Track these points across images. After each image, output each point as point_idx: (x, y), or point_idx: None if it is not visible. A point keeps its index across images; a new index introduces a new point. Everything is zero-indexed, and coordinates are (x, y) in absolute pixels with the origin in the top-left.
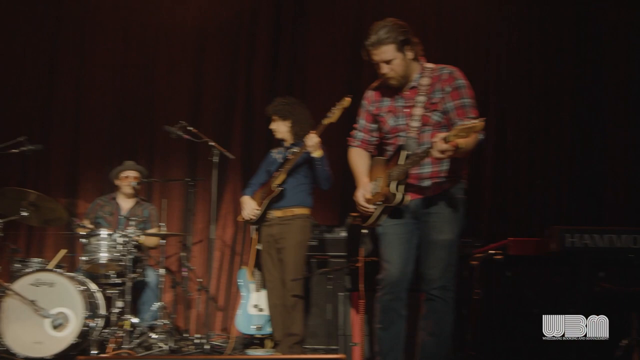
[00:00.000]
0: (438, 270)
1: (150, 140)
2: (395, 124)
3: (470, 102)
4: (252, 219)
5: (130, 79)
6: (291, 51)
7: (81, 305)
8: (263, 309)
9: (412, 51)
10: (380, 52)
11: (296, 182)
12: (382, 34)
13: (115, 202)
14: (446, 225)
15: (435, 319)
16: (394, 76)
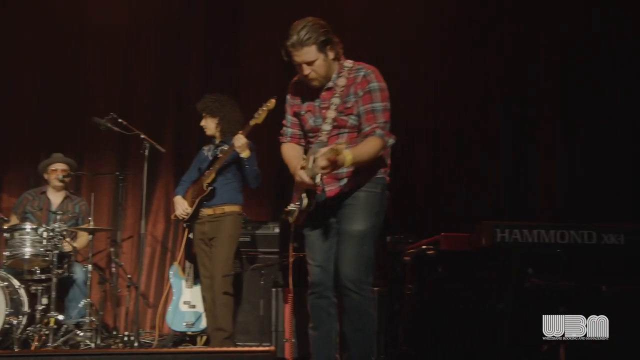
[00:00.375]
0: (350, 263)
1: (80, 132)
2: (315, 124)
3: (381, 107)
4: (184, 218)
5: (58, 70)
6: (225, 43)
7: (3, 302)
8: (195, 305)
9: (333, 51)
10: (302, 53)
11: (226, 180)
12: (303, 35)
13: (45, 196)
14: (358, 216)
15: (355, 315)
16: (315, 77)
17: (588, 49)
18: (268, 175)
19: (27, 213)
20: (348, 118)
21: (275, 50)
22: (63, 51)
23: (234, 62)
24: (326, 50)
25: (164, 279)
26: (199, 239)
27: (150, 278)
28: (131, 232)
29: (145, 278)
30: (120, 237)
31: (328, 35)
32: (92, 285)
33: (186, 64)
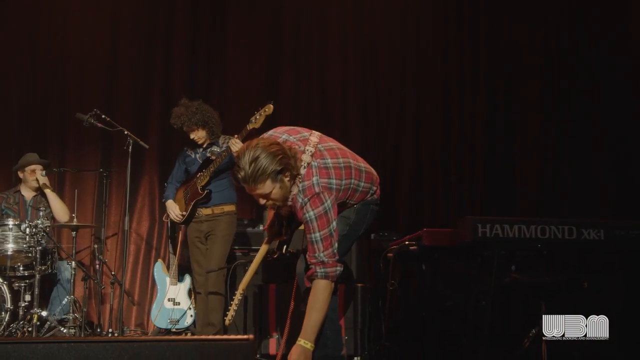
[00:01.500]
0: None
1: (62, 129)
2: None
3: (319, 236)
4: (179, 221)
5: (40, 66)
6: (209, 41)
7: None
8: (179, 303)
9: (288, 175)
10: (257, 188)
11: (220, 181)
12: (256, 170)
13: (19, 194)
14: None
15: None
16: (273, 204)
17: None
18: None
19: (5, 210)
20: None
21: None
22: (46, 47)
23: (218, 59)
24: (281, 178)
25: (148, 276)
26: (195, 237)
27: (135, 276)
28: (115, 229)
29: (130, 276)
30: (104, 234)
31: (283, 163)
32: (75, 282)
33: (170, 61)
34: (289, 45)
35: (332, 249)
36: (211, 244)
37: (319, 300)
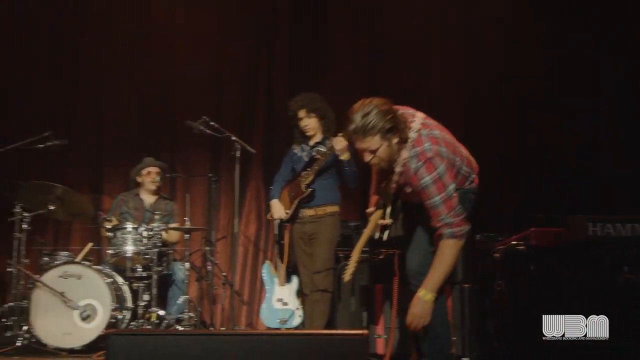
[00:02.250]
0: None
1: (173, 136)
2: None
3: (440, 200)
4: (283, 219)
5: (152, 74)
6: (311, 44)
7: (108, 298)
8: (287, 303)
9: (397, 136)
10: (365, 141)
11: (325, 181)
12: (367, 123)
13: (138, 198)
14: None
15: None
16: (378, 162)
17: None
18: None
19: (124, 213)
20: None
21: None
22: (156, 59)
23: (320, 63)
24: (390, 137)
25: (257, 277)
26: (299, 239)
27: (244, 277)
28: (224, 232)
29: (239, 277)
30: (215, 237)
31: (393, 122)
32: (189, 283)
33: (274, 67)
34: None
35: (454, 210)
36: (316, 247)
37: (445, 257)
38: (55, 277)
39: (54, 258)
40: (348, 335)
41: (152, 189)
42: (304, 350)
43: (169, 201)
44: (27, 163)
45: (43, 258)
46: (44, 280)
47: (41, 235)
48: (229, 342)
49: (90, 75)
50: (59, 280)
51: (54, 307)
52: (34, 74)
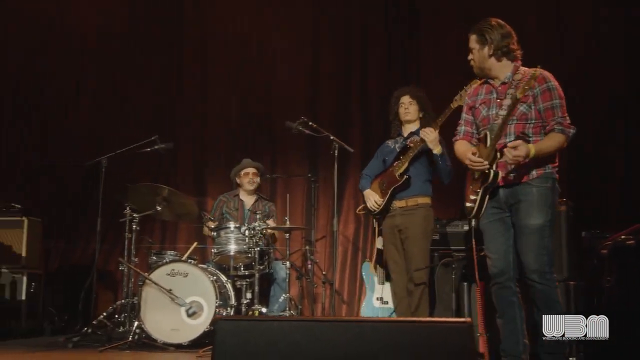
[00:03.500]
0: (532, 256)
1: (272, 137)
2: (487, 114)
3: (559, 103)
4: (375, 210)
5: (251, 77)
6: (405, 43)
7: (213, 295)
8: (387, 302)
9: (489, 49)
10: (469, 39)
11: (417, 171)
12: (474, 25)
13: (238, 199)
14: (534, 211)
15: (542, 303)
16: (473, 64)
17: None
18: (456, 172)
19: (225, 214)
20: (520, 105)
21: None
22: (254, 62)
23: (413, 63)
24: (483, 45)
25: (356, 277)
26: (389, 233)
27: (343, 276)
28: (323, 232)
29: (338, 276)
30: (314, 236)
31: (491, 35)
32: (290, 281)
33: (369, 66)
34: None
35: (567, 116)
36: (409, 242)
37: (551, 143)
38: (163, 274)
39: (161, 257)
40: (452, 322)
41: (250, 189)
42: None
43: (267, 202)
44: (137, 166)
45: (151, 257)
46: (153, 278)
47: (149, 235)
48: (333, 328)
49: (192, 81)
50: (166, 278)
51: (162, 304)
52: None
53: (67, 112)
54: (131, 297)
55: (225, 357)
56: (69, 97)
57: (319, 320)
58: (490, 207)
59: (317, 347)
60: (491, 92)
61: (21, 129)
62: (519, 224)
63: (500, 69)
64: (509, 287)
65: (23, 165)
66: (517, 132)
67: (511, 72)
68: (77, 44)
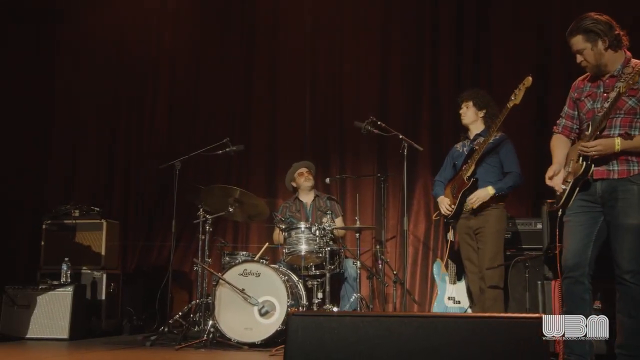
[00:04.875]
0: (627, 255)
1: (341, 137)
2: (592, 107)
3: None
4: (449, 215)
5: (320, 78)
6: (475, 41)
7: (285, 295)
8: (460, 301)
9: (604, 42)
10: (572, 43)
11: (486, 172)
12: (573, 27)
13: (298, 200)
14: (633, 210)
15: (630, 303)
16: (586, 65)
17: None
18: (527, 171)
19: (289, 218)
20: (628, 99)
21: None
22: (323, 62)
23: (484, 62)
24: (593, 41)
25: (427, 277)
26: (464, 234)
27: (414, 276)
28: (393, 232)
29: (409, 276)
30: (385, 236)
31: (597, 28)
32: (361, 281)
33: (437, 65)
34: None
35: None
36: (482, 242)
37: None
38: (236, 275)
39: (234, 257)
40: (523, 318)
41: (308, 186)
42: (478, 332)
43: (325, 196)
44: (211, 169)
45: (224, 257)
46: (226, 278)
47: (222, 236)
48: (404, 323)
49: (263, 84)
50: (239, 278)
51: (236, 303)
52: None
53: (144, 118)
54: (205, 297)
55: (298, 352)
56: (147, 103)
57: (390, 315)
58: (581, 199)
59: (389, 342)
60: (598, 85)
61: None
62: (614, 222)
63: (615, 61)
64: (582, 283)
65: (103, 170)
66: (623, 125)
67: (622, 64)
68: (154, 51)
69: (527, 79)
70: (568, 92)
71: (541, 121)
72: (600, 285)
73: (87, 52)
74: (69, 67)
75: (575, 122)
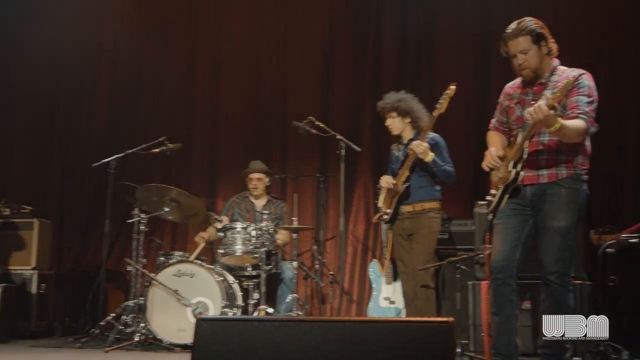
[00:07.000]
0: (552, 257)
1: (283, 137)
2: (521, 114)
3: (586, 100)
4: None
5: (263, 78)
6: (418, 42)
7: (219, 295)
8: (395, 302)
9: (546, 47)
10: (516, 43)
11: (421, 177)
12: (520, 27)
13: (249, 200)
14: (561, 212)
15: (554, 303)
16: (527, 67)
17: None
18: (463, 170)
19: (236, 215)
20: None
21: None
22: (267, 61)
23: (426, 61)
24: (539, 44)
25: (366, 277)
26: (398, 235)
27: (352, 276)
28: (334, 232)
29: (348, 276)
30: (324, 236)
31: (542, 31)
32: (298, 281)
33: (380, 66)
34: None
35: (591, 116)
36: (416, 242)
37: (573, 126)
38: (170, 275)
39: (169, 257)
40: (433, 322)
41: (255, 194)
42: (387, 337)
43: (280, 202)
44: (151, 167)
45: (159, 258)
46: (159, 279)
47: (160, 236)
48: (315, 328)
49: (205, 83)
50: (173, 279)
51: (169, 305)
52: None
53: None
54: (138, 298)
55: (204, 357)
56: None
57: (300, 320)
58: (512, 203)
59: (298, 347)
60: (527, 93)
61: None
62: (542, 224)
63: (547, 67)
64: (509, 285)
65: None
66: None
67: (550, 72)
68: (93, 44)
69: (450, 87)
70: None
71: (478, 121)
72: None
73: (23, 51)
74: (4, 65)
75: (504, 127)
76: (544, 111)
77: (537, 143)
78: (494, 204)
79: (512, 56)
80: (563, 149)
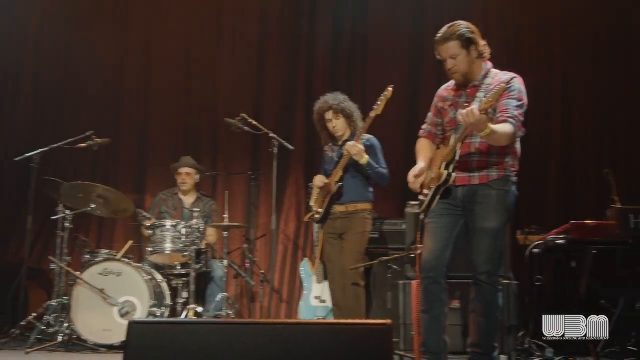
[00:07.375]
0: (483, 257)
1: (214, 133)
2: (454, 116)
3: (515, 104)
4: (316, 218)
5: (194, 73)
6: (351, 41)
7: (147, 295)
8: (325, 301)
9: (476, 51)
10: (446, 48)
11: (355, 178)
12: (449, 32)
13: (177, 197)
14: (491, 214)
15: (484, 303)
16: (457, 71)
17: None
18: (395, 171)
19: (163, 212)
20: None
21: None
22: (199, 55)
23: (359, 63)
24: (469, 49)
25: (296, 276)
26: (329, 234)
27: (283, 275)
28: (264, 230)
29: (278, 275)
30: (254, 235)
31: (472, 36)
32: (228, 280)
33: (314, 66)
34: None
35: (520, 120)
36: (346, 242)
37: (505, 130)
38: (96, 274)
39: (95, 255)
40: (369, 325)
41: (183, 190)
42: (323, 340)
43: (209, 200)
44: (78, 162)
45: (85, 256)
46: (84, 278)
47: (86, 234)
48: (248, 331)
49: (135, 76)
50: (99, 278)
51: (94, 304)
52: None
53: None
54: (62, 297)
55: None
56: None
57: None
58: (444, 203)
59: (231, 351)
60: (461, 95)
61: None
62: (473, 225)
63: (479, 70)
64: (440, 283)
65: None
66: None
67: (483, 74)
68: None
69: (388, 90)
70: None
71: (411, 122)
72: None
73: None
74: None
75: (439, 129)
76: (475, 115)
77: (469, 145)
78: (425, 204)
79: (443, 60)
80: (494, 151)
